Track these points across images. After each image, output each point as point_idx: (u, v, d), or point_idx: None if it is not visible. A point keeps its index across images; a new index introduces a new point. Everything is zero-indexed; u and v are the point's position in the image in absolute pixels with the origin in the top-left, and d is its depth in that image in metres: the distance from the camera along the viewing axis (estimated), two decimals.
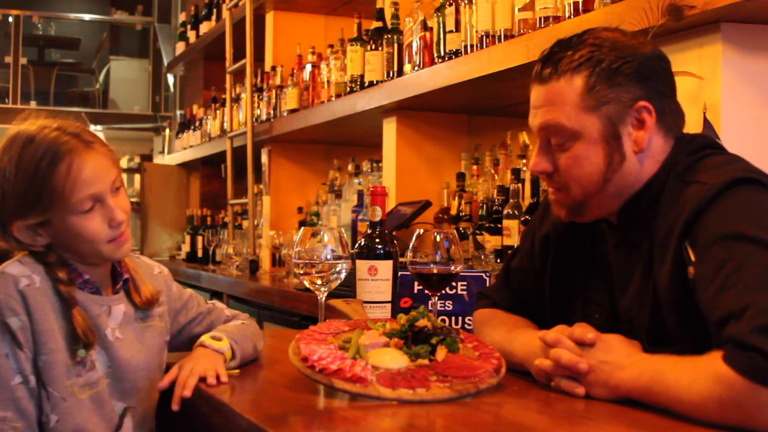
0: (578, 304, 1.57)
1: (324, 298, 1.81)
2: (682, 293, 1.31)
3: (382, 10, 3.37)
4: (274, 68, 4.46)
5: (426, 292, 1.91)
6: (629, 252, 1.46)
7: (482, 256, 2.72)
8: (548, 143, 1.46)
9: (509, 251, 2.50)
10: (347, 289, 2.02)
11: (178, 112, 7.27)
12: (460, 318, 2.06)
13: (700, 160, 1.41)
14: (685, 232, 1.31)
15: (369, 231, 2.02)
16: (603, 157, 1.41)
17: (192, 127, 5.95)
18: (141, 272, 1.67)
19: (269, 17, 4.64)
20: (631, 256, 1.46)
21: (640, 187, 1.44)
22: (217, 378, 1.51)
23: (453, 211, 3.09)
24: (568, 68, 1.41)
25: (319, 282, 1.77)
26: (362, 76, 3.38)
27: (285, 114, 4.19)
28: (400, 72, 3.14)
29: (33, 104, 10.34)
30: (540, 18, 2.30)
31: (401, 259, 2.00)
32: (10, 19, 10.70)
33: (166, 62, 8.97)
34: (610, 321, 1.50)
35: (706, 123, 1.82)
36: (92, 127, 8.47)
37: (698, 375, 1.17)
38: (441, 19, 2.80)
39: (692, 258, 1.29)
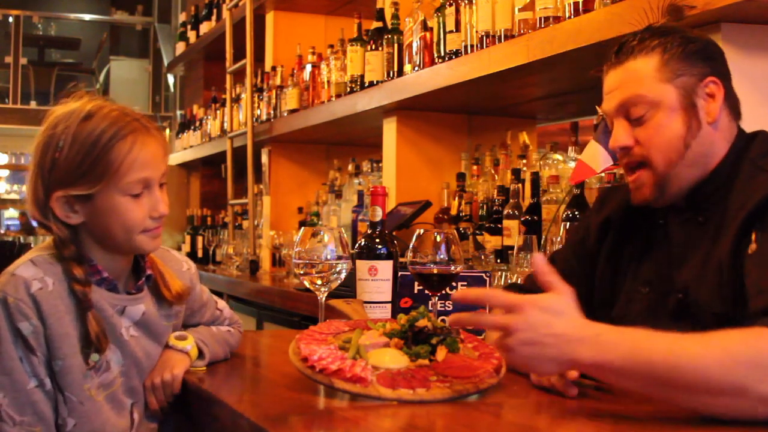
0: (627, 281, 1.60)
1: (324, 299, 1.81)
2: (740, 273, 1.35)
3: (382, 10, 3.37)
4: (274, 68, 4.46)
5: (426, 292, 1.91)
6: (695, 229, 1.50)
7: (482, 256, 2.72)
8: (626, 120, 1.52)
9: (510, 251, 2.51)
10: (347, 289, 2.02)
11: (179, 112, 7.27)
12: None
13: None
14: (755, 217, 1.36)
15: (369, 231, 2.02)
16: (682, 123, 1.48)
17: (192, 127, 5.95)
18: (170, 267, 1.65)
19: (269, 17, 4.64)
20: (696, 232, 1.50)
21: (712, 169, 1.49)
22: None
23: (453, 211, 3.09)
24: (642, 49, 1.50)
25: (319, 282, 1.77)
26: (362, 76, 3.37)
27: (285, 114, 4.19)
28: (401, 72, 3.14)
29: (33, 104, 10.34)
30: (540, 18, 2.30)
31: (401, 259, 2.00)
32: (11, 19, 10.71)
33: (166, 62, 8.98)
34: (658, 295, 1.52)
35: None
36: None
37: (716, 340, 1.15)
38: (441, 19, 2.80)
39: (756, 239, 1.34)
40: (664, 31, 1.52)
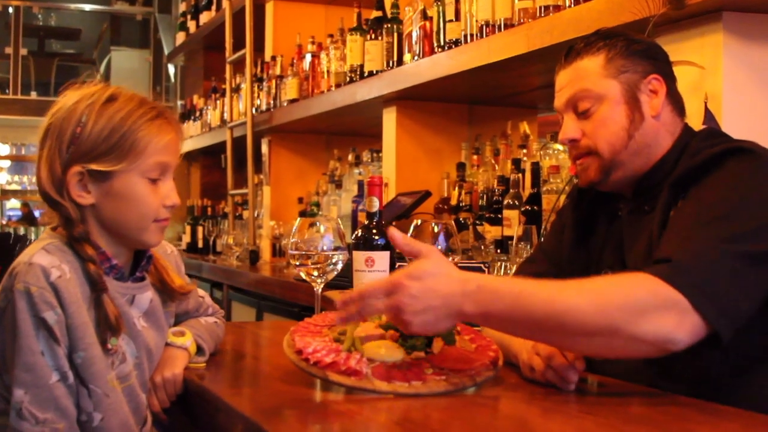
0: (591, 269, 1.64)
1: (320, 290, 1.79)
2: None
3: (381, 0, 3.35)
4: (273, 58, 4.44)
5: None
6: (640, 217, 1.58)
7: (482, 247, 2.70)
8: (574, 114, 1.60)
9: (510, 242, 2.49)
10: (345, 280, 2.01)
11: (179, 103, 7.26)
12: None
13: (719, 147, 1.47)
14: (678, 188, 1.46)
15: (366, 222, 2.01)
16: (626, 116, 1.56)
17: (192, 118, 5.94)
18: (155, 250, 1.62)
19: (269, 7, 4.63)
20: (641, 221, 1.57)
21: (656, 160, 1.56)
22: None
23: (453, 202, 3.08)
24: (589, 50, 1.59)
25: (315, 273, 1.76)
26: (362, 66, 3.36)
27: (285, 104, 4.17)
28: (400, 62, 3.12)
29: (34, 95, 10.32)
30: (540, 7, 2.29)
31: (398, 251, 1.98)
32: (11, 10, 10.67)
33: (166, 52, 8.95)
34: None
35: (708, 113, 1.81)
36: None
37: (592, 285, 1.29)
38: (441, 8, 2.78)
39: (677, 207, 1.45)
40: (610, 34, 1.60)
